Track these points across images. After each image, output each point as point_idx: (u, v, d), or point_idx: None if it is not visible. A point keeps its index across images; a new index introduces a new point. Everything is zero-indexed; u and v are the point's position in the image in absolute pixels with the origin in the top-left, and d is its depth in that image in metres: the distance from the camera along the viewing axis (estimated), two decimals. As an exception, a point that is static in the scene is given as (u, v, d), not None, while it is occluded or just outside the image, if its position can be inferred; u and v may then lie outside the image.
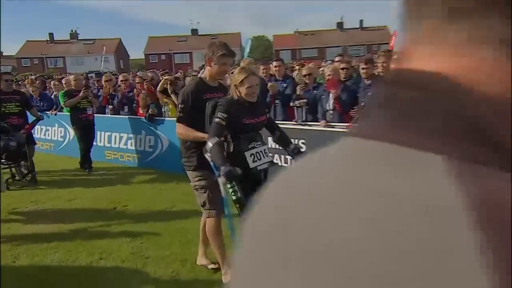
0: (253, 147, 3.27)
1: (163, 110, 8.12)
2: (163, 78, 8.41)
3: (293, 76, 8.14)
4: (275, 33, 63.89)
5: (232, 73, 7.57)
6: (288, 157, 5.38)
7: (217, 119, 3.15)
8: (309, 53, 55.79)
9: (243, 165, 3.17)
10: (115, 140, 8.97)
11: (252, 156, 3.23)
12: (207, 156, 3.18)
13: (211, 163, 3.22)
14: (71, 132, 9.39)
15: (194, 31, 67.76)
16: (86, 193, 6.86)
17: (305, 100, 6.43)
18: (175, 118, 7.62)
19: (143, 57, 66.56)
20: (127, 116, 8.77)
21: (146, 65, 53.12)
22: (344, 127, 5.67)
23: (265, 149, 3.39)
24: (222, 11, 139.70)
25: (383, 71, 5.94)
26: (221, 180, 3.02)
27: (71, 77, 9.00)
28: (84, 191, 6.97)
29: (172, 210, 5.89)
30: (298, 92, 6.61)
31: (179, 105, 3.57)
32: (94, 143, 8.51)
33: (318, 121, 6.18)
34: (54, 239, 4.96)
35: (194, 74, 9.71)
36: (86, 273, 4.13)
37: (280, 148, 4.05)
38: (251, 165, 3.19)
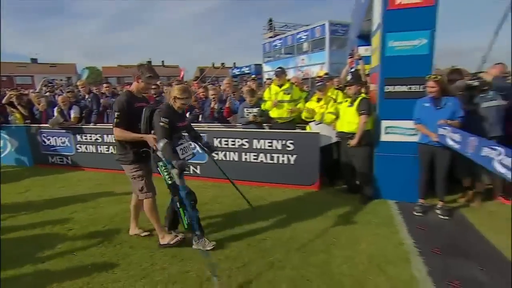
0: (181, 143, 2.85)
1: (9, 119, 6.22)
2: (8, 93, 6.42)
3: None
4: (103, 65, 55.38)
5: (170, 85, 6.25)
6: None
7: (161, 124, 2.65)
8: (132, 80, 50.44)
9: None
10: (-40, 145, 6.40)
11: (181, 150, 2.80)
12: (159, 153, 2.65)
13: (163, 159, 2.66)
14: None
15: (34, 60, 52.42)
16: None
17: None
18: (22, 125, 6.01)
19: (-17, 78, 48.08)
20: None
21: (-14, 85, 38.58)
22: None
23: (189, 144, 2.97)
24: (59, 45, 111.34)
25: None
26: (174, 171, 2.56)
27: None
28: None
29: (27, 195, 4.64)
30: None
31: (116, 113, 2.79)
32: None
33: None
34: None
35: (37, 92, 7.65)
36: None
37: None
38: (181, 156, 2.75)
